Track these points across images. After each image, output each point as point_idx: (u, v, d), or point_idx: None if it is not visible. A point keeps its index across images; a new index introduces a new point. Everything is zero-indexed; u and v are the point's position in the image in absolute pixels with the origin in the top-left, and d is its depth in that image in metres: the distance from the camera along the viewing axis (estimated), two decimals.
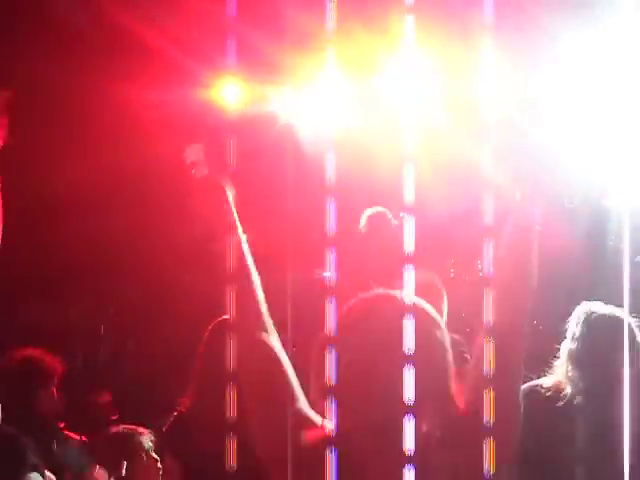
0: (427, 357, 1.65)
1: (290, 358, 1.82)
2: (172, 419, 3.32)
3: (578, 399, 2.65)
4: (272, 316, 1.95)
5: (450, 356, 1.72)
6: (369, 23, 8.02)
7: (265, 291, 1.94)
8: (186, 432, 3.06)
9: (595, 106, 6.58)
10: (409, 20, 3.50)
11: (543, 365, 2.93)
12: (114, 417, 6.60)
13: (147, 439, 3.50)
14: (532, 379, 2.90)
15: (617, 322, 2.70)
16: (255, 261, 1.99)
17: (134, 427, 3.69)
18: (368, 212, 6.65)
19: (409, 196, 2.60)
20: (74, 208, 7.82)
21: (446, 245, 8.15)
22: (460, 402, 1.67)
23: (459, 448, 1.62)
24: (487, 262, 1.85)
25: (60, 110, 7.97)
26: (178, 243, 7.86)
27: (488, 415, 1.59)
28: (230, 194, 2.05)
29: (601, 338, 2.68)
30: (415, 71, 8.98)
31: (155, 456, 3.38)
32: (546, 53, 7.38)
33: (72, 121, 7.98)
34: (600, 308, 2.81)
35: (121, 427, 3.74)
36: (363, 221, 6.63)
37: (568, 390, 2.70)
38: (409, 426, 1.55)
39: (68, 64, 7.86)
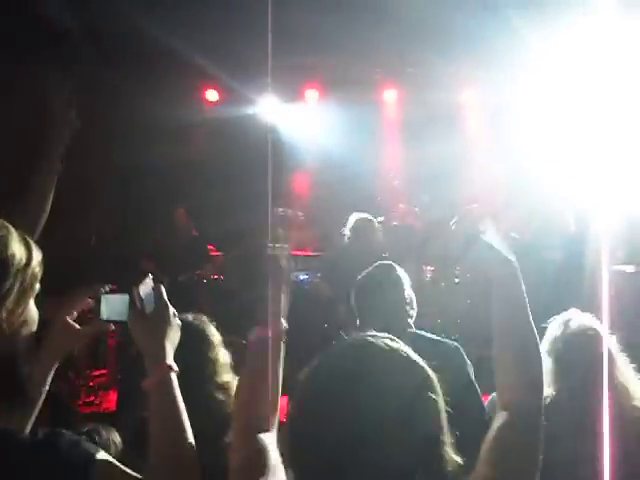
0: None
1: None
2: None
3: (557, 409, 2.67)
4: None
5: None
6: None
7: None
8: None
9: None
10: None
11: None
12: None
13: None
14: None
15: (593, 333, 2.73)
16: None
17: None
18: (353, 218, 6.64)
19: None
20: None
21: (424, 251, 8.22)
22: None
23: None
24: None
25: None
26: None
27: None
28: None
29: (578, 351, 2.69)
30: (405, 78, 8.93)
31: None
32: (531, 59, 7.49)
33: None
34: (578, 318, 2.81)
35: None
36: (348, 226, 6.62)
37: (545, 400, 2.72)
38: None
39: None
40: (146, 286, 1.85)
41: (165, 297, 1.84)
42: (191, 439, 1.70)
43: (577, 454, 2.50)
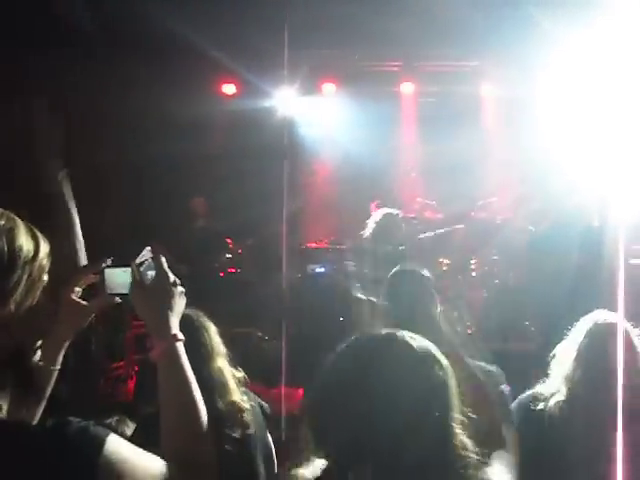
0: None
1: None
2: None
3: (579, 407, 2.65)
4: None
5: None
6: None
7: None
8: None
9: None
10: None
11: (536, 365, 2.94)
12: None
13: None
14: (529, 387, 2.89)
15: (616, 330, 2.70)
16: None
17: None
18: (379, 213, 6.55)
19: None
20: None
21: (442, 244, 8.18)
22: None
23: None
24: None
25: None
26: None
27: None
28: None
29: (607, 346, 2.66)
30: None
31: None
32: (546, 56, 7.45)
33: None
34: (607, 316, 2.78)
35: None
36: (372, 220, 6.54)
37: (568, 398, 2.70)
38: None
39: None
40: (145, 257, 1.83)
41: (165, 266, 1.81)
42: (202, 407, 1.68)
43: (595, 449, 2.49)
